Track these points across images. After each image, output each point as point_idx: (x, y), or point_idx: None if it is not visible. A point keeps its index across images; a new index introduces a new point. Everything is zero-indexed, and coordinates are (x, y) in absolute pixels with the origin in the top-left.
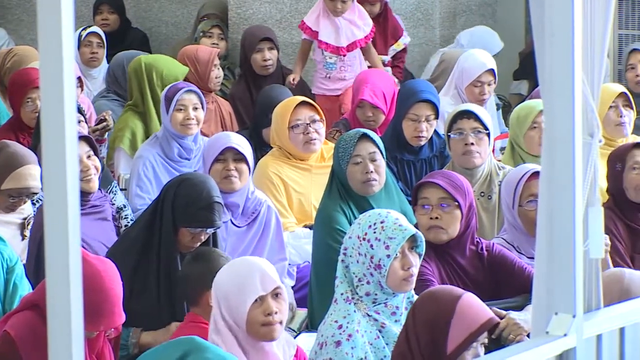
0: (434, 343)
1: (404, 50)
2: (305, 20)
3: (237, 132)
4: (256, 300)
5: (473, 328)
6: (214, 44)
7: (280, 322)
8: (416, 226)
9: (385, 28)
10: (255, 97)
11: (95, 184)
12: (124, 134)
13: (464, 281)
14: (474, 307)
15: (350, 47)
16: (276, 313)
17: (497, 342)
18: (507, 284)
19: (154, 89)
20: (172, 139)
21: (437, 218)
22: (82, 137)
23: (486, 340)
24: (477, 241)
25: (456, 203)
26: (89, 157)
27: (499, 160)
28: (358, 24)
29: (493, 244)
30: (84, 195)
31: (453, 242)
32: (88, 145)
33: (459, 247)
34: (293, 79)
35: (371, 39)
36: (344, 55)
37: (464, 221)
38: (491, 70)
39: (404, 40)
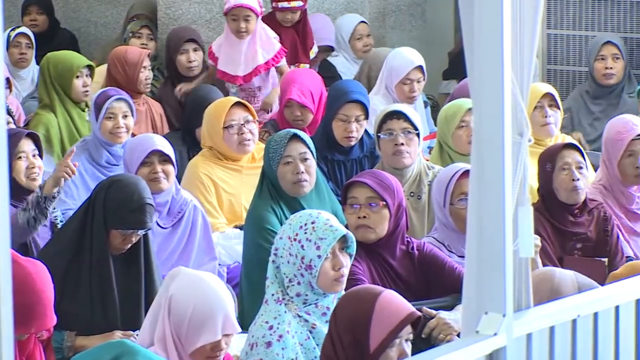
0: (357, 342)
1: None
2: (212, 45)
3: (169, 133)
4: None
5: (394, 324)
6: (143, 44)
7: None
8: (347, 226)
9: (305, 36)
10: (182, 98)
11: (39, 182)
12: (38, 130)
13: (395, 280)
14: (393, 303)
15: (248, 77)
16: (223, 349)
17: (427, 342)
18: (437, 283)
19: (52, 82)
20: (101, 146)
21: (365, 217)
22: (29, 135)
23: (411, 336)
24: (408, 241)
25: (384, 202)
26: (34, 155)
27: (428, 160)
28: (261, 50)
29: (424, 243)
30: (28, 194)
31: (382, 241)
32: (34, 144)
33: (389, 246)
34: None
35: (272, 66)
36: (240, 85)
37: (392, 221)
38: (420, 67)
39: (314, 49)
